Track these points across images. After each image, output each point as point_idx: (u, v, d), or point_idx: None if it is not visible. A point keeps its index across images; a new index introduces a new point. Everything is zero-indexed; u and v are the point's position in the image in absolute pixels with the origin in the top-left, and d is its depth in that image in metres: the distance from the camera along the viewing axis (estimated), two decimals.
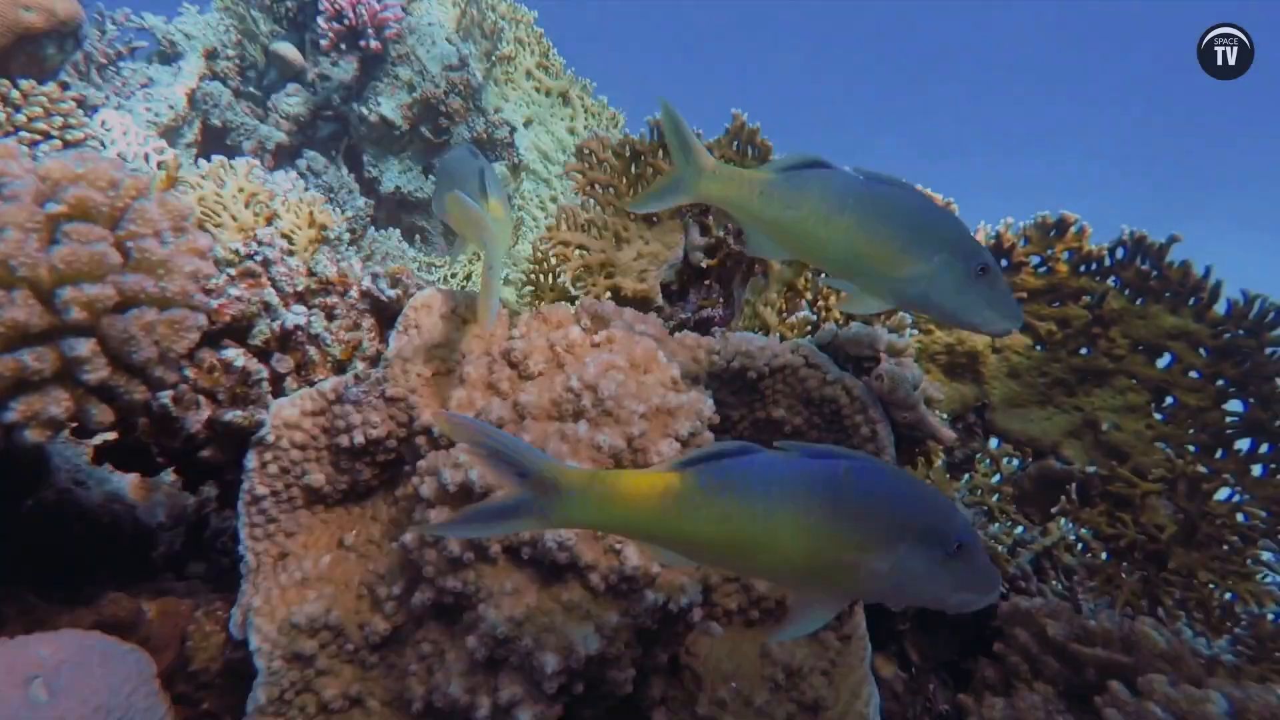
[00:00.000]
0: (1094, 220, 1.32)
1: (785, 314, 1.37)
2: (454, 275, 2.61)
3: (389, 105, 3.03)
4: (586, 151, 1.43)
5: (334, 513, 0.97)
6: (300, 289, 1.06)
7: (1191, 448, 1.31)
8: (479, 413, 0.88)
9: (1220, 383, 1.26)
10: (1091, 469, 1.39)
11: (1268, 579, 1.17)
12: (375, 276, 1.10)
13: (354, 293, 1.09)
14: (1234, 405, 1.27)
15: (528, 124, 3.36)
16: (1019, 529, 1.62)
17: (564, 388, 0.86)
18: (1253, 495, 1.23)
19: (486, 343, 0.97)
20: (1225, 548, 1.17)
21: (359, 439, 0.92)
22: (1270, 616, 1.13)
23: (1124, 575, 1.34)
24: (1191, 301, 1.26)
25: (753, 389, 1.07)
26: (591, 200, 1.49)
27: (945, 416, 1.56)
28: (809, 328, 1.26)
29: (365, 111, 3.04)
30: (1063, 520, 1.38)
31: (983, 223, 1.41)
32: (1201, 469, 1.23)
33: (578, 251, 1.48)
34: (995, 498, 1.71)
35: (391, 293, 1.08)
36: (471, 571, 0.79)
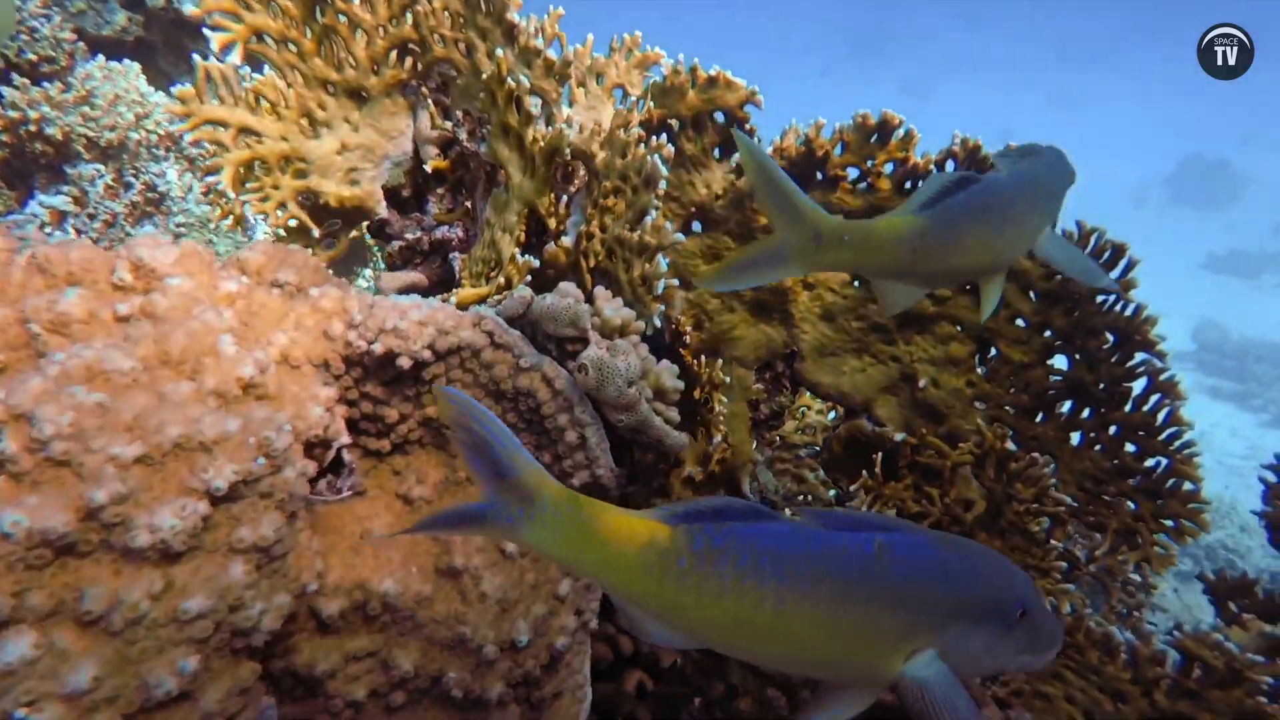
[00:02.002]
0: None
1: (523, 247, 1.06)
2: None
3: None
4: None
5: None
6: None
7: (1011, 409, 1.16)
8: None
9: (1048, 334, 1.10)
10: (899, 437, 1.22)
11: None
12: None
13: None
14: (1061, 361, 1.11)
15: None
16: (832, 494, 1.46)
17: None
18: (1066, 469, 1.09)
19: None
20: (1026, 537, 1.03)
21: None
22: (1067, 611, 1.01)
23: None
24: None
25: (415, 379, 0.77)
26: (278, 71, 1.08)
27: (725, 403, 1.34)
28: (530, 276, 0.96)
29: None
30: (862, 497, 1.21)
31: (793, 121, 1.14)
32: (1010, 446, 1.07)
33: (243, 140, 1.09)
34: (806, 453, 1.54)
35: None
36: None
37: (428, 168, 1.16)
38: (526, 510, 0.52)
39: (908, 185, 1.13)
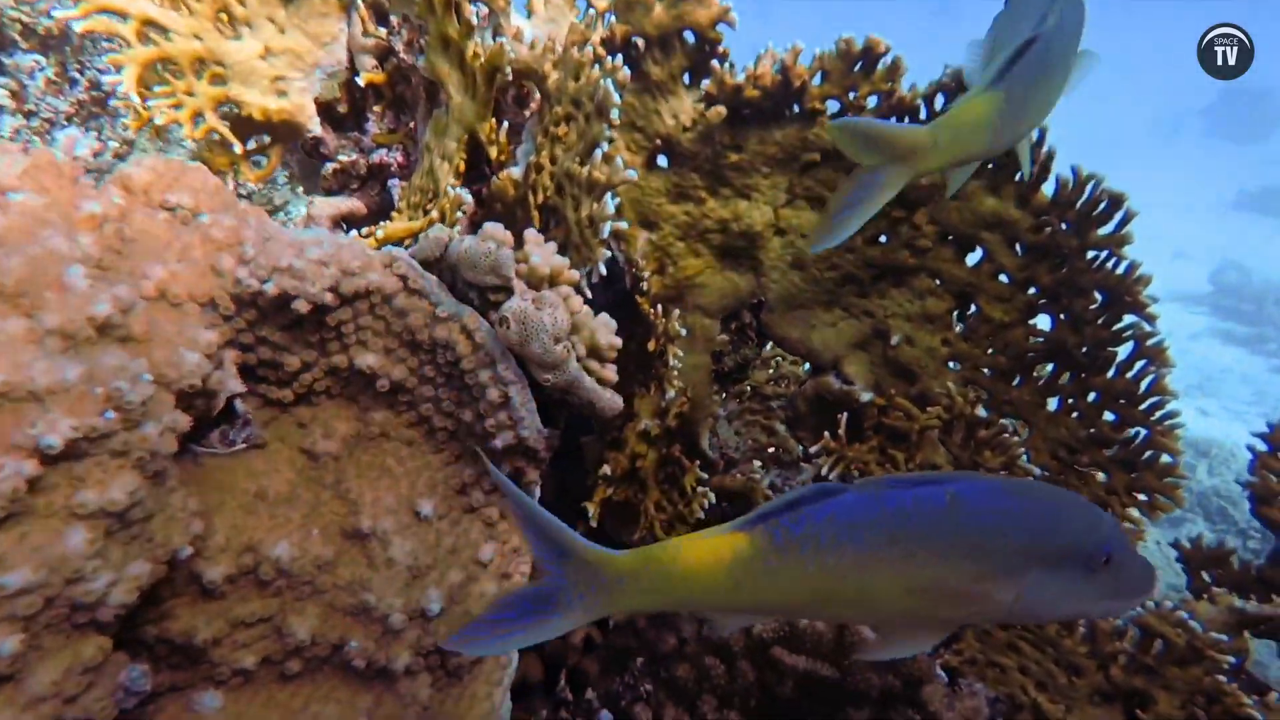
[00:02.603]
0: None
1: (463, 176, 0.96)
2: None
3: None
4: None
5: None
6: None
7: (987, 371, 1.10)
8: None
9: (1032, 291, 1.03)
10: (866, 397, 1.16)
11: None
12: None
13: None
14: (1045, 322, 1.05)
15: None
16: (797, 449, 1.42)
17: None
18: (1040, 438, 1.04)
19: None
20: None
21: None
22: None
23: None
24: (1017, 177, 0.99)
25: (319, 324, 0.69)
26: None
27: (680, 359, 1.27)
28: (462, 212, 0.87)
29: None
30: (824, 459, 1.16)
31: (769, 45, 1.04)
32: (980, 412, 1.02)
33: (149, 36, 0.98)
34: (778, 404, 1.49)
35: None
36: None
37: (360, 81, 1.06)
38: (594, 587, 0.55)
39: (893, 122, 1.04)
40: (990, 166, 1.00)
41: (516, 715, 0.82)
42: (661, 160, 1.22)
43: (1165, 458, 0.91)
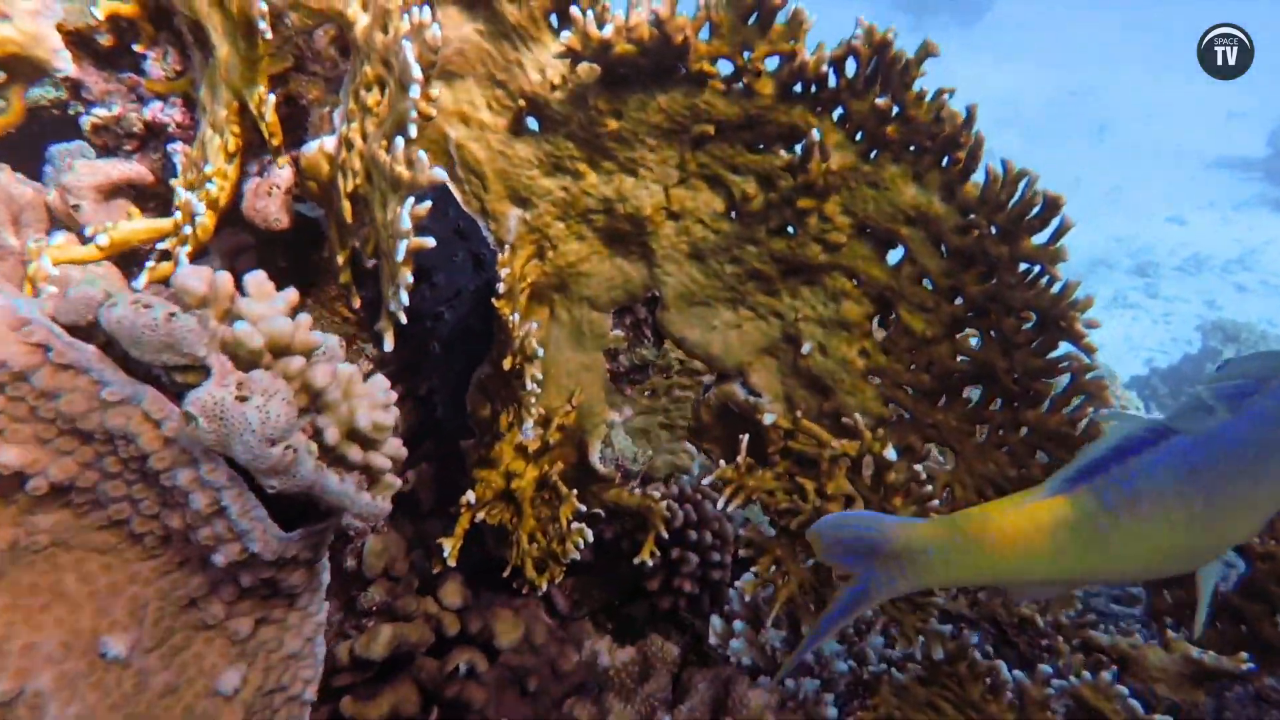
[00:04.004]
0: None
1: (239, 159, 0.77)
2: None
3: None
4: None
5: None
6: None
7: (910, 389, 0.97)
8: None
9: (959, 301, 0.89)
10: (770, 419, 1.02)
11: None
12: None
13: None
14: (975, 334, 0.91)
15: None
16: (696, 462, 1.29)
17: None
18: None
19: None
20: None
21: None
22: (940, 656, 0.87)
23: (794, 564, 1.04)
24: (945, 162, 0.84)
25: None
26: None
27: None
28: (200, 217, 0.69)
29: None
30: (723, 490, 1.03)
31: None
32: (889, 453, 0.89)
33: None
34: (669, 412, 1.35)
35: None
36: None
37: (98, 10, 0.85)
38: (908, 565, 0.55)
39: (797, 89, 0.87)
40: (912, 149, 0.84)
41: None
42: (532, 122, 1.04)
43: None
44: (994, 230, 0.80)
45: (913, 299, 0.92)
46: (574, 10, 0.85)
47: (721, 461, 1.07)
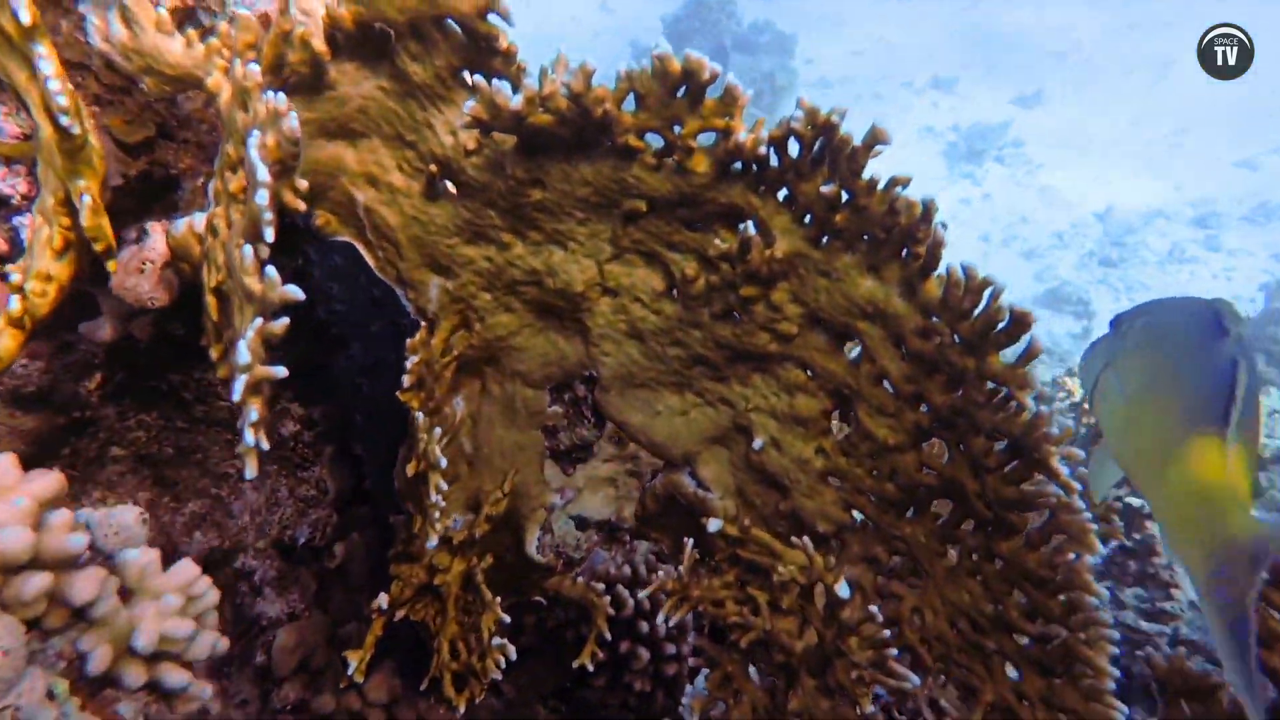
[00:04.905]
0: None
1: (75, 256, 0.68)
2: None
3: None
4: None
5: None
6: None
7: (873, 497, 0.87)
8: None
9: (924, 409, 0.79)
10: (715, 527, 0.93)
11: None
12: None
13: None
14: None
15: None
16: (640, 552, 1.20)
17: None
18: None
19: None
20: (852, 705, 0.77)
21: None
22: None
23: (746, 682, 0.95)
24: (904, 254, 0.74)
25: None
26: None
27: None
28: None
29: None
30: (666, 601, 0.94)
31: (559, 51, 0.75)
32: (841, 590, 0.79)
33: None
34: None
35: None
36: None
37: None
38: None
39: (736, 167, 0.77)
40: (866, 238, 0.74)
41: None
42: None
43: (1089, 677, 0.70)
44: (958, 339, 0.70)
45: (873, 401, 0.82)
46: (477, 79, 0.75)
47: (667, 573, 0.97)
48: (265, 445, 0.68)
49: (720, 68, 0.67)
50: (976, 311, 0.66)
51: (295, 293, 0.60)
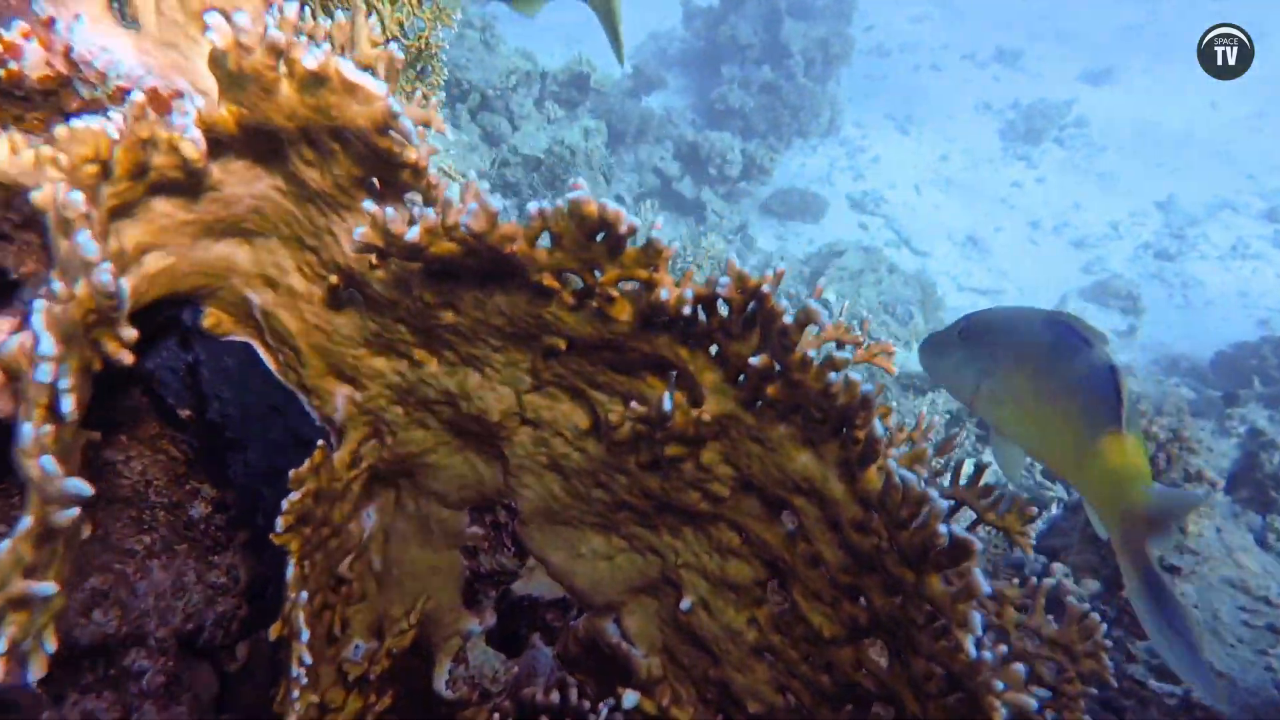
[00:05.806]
0: None
1: None
2: None
3: None
4: None
5: None
6: None
7: (807, 685, 0.78)
8: None
9: (863, 602, 0.70)
10: (630, 703, 0.84)
11: None
12: None
13: None
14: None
15: None
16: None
17: None
18: None
19: None
20: None
21: None
22: None
23: None
24: (842, 431, 0.65)
25: None
26: None
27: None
28: None
29: None
30: None
31: (469, 177, 0.67)
32: None
33: None
34: None
35: None
36: None
37: None
38: None
39: (662, 321, 0.68)
40: (800, 413, 0.66)
41: None
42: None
43: None
44: (896, 550, 0.61)
45: (809, 584, 0.73)
46: (367, 205, 0.67)
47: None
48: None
49: (638, 222, 0.59)
50: (915, 523, 0.58)
51: (84, 490, 0.51)
